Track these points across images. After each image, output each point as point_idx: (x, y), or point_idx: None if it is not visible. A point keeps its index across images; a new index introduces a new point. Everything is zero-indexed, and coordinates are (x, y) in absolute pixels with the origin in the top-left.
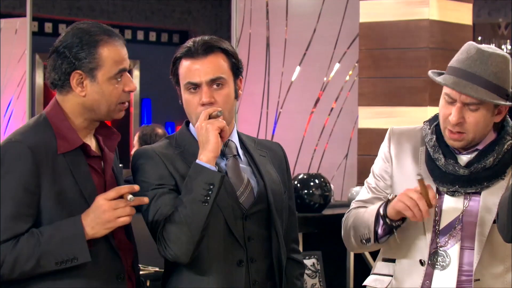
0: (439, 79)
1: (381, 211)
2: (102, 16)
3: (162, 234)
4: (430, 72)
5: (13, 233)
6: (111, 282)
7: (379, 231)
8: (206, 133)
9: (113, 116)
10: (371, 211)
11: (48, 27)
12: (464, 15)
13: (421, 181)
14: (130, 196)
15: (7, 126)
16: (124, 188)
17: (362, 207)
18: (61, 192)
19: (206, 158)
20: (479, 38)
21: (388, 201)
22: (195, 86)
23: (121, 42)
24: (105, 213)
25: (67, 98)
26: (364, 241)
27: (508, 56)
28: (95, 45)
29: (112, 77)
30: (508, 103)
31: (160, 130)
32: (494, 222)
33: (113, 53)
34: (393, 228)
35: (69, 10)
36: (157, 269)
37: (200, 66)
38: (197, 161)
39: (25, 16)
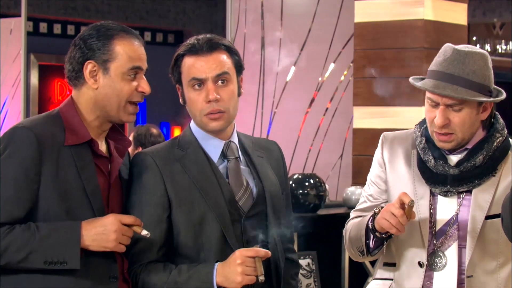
0: (419, 84)
1: (370, 225)
2: (96, 16)
3: (137, 280)
4: (411, 79)
5: (10, 217)
6: (102, 281)
7: (371, 244)
8: (235, 276)
9: (123, 117)
10: (362, 224)
11: (43, 27)
12: (459, 15)
13: (410, 207)
14: (146, 232)
15: (2, 126)
16: (138, 220)
17: (359, 216)
18: (63, 184)
19: (221, 282)
20: (474, 38)
21: (375, 214)
22: (200, 83)
23: (139, 42)
24: (113, 233)
25: (81, 92)
26: (359, 253)
27: (486, 53)
28: (110, 38)
29: (125, 73)
30: (490, 99)
31: (155, 130)
32: (486, 218)
33: (128, 48)
34: (384, 240)
35: (64, 10)
36: None
37: (205, 62)
38: (214, 280)
39: (20, 16)
